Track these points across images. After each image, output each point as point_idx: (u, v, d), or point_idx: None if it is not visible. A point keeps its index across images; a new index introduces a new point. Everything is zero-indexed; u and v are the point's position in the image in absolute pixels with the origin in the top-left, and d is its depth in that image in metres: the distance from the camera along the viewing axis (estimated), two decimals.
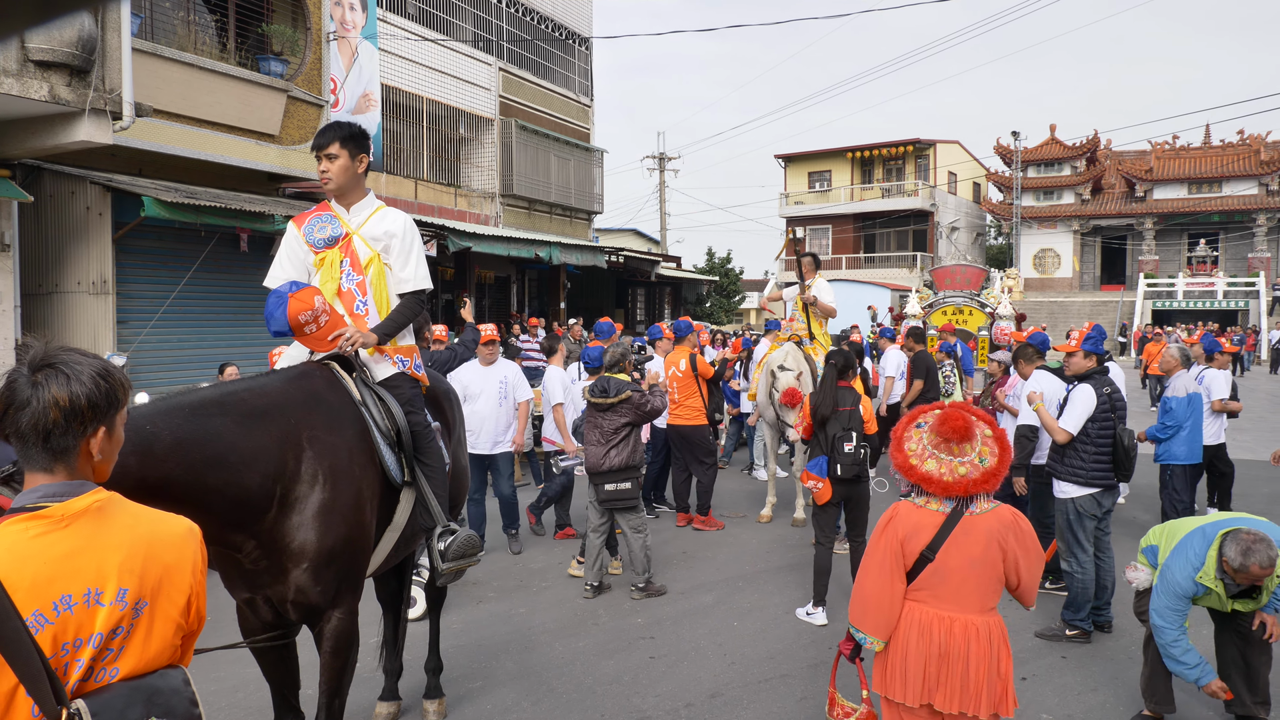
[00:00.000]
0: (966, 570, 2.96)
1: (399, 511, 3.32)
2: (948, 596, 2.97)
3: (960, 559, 2.96)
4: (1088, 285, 43.49)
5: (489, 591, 6.31)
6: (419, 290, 3.53)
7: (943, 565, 2.97)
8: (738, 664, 5.00)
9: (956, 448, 3.01)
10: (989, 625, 2.99)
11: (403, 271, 3.51)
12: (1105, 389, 5.42)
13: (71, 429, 1.61)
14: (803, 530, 8.00)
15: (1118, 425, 5.42)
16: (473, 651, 5.17)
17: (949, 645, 2.94)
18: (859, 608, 3.10)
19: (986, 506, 3.03)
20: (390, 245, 3.50)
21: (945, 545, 2.96)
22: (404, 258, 3.51)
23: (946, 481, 2.98)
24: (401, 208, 14.53)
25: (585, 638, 5.39)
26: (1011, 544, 2.98)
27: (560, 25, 22.77)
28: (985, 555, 2.96)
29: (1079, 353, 5.62)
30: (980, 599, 2.98)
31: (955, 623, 2.96)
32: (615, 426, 6.21)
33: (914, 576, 3.02)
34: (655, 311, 33.28)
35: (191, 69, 11.29)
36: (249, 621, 3.09)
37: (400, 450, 3.27)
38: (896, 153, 42.60)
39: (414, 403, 3.40)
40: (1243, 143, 41.57)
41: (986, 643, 2.95)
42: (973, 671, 2.92)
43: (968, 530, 2.97)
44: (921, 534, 2.99)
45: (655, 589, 6.25)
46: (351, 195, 3.52)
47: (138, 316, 10.20)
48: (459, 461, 4.12)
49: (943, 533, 2.97)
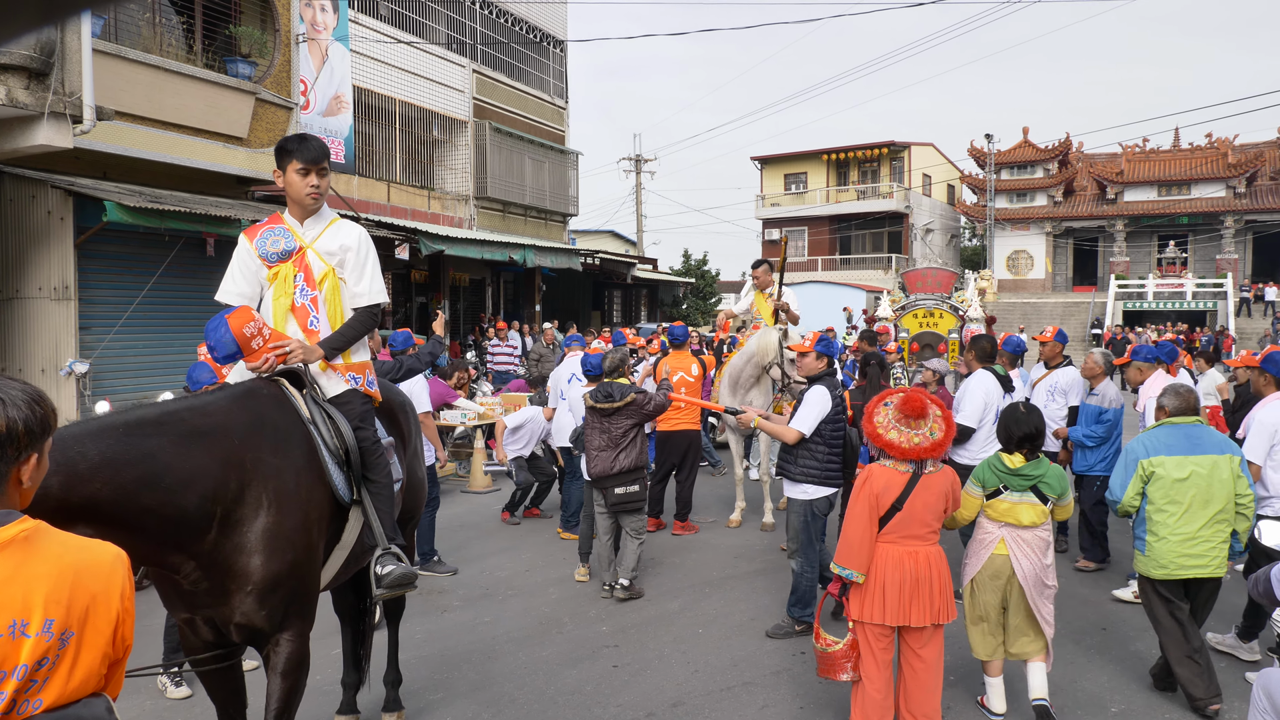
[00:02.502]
0: (924, 514, 3.89)
1: (348, 530, 3.28)
2: (910, 534, 3.88)
3: (921, 506, 3.88)
4: (1060, 286, 43.94)
5: (454, 600, 6.28)
6: (373, 304, 3.50)
7: (909, 512, 3.86)
8: (701, 672, 5.00)
9: (914, 423, 3.88)
10: (939, 553, 3.95)
11: (357, 285, 3.47)
12: (837, 391, 5.52)
13: (5, 455, 1.60)
14: (771, 535, 8.02)
15: (849, 427, 5.57)
16: (435, 662, 5.14)
17: (918, 571, 3.84)
18: (846, 550, 3.92)
19: (937, 468, 3.98)
20: (345, 259, 3.46)
21: (911, 496, 3.86)
22: (359, 271, 3.47)
23: (904, 448, 3.85)
24: (374, 210, 14.46)
25: (549, 646, 5.37)
26: (951, 494, 4.00)
27: (535, 28, 22.72)
28: (937, 503, 3.93)
29: (811, 354, 5.74)
30: (931, 533, 3.95)
31: (919, 554, 3.87)
32: (622, 430, 6.28)
33: (886, 522, 3.88)
34: (632, 314, 33.28)
35: (157, 71, 11.16)
36: (190, 640, 3.04)
37: (349, 469, 3.23)
38: (872, 155, 42.86)
39: (365, 420, 3.36)
40: (1211, 146, 42.15)
41: (941, 566, 3.91)
42: (936, 588, 3.85)
43: (926, 486, 3.89)
44: (892, 489, 3.88)
45: (636, 590, 6.33)
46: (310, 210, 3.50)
47: (101, 323, 10.06)
48: (415, 473, 4.09)
49: (909, 487, 3.87)
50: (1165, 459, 4.51)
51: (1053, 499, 4.34)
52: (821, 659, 4.10)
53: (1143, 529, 4.59)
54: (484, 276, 22.82)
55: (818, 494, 5.44)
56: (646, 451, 6.50)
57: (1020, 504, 4.30)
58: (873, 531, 3.87)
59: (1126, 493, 4.59)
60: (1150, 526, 4.54)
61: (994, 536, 4.35)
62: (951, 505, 4.04)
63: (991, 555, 4.35)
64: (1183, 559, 4.46)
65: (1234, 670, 5.00)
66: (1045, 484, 4.31)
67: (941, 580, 3.89)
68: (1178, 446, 4.53)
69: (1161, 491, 4.50)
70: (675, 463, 8.23)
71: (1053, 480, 4.32)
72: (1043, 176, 43.80)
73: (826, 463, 5.41)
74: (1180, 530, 4.45)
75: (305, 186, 3.41)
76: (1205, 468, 4.47)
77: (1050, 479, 4.32)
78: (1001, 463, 4.37)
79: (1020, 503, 4.30)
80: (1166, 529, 4.48)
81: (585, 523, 6.85)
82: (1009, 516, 4.31)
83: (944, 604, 3.89)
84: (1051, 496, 4.33)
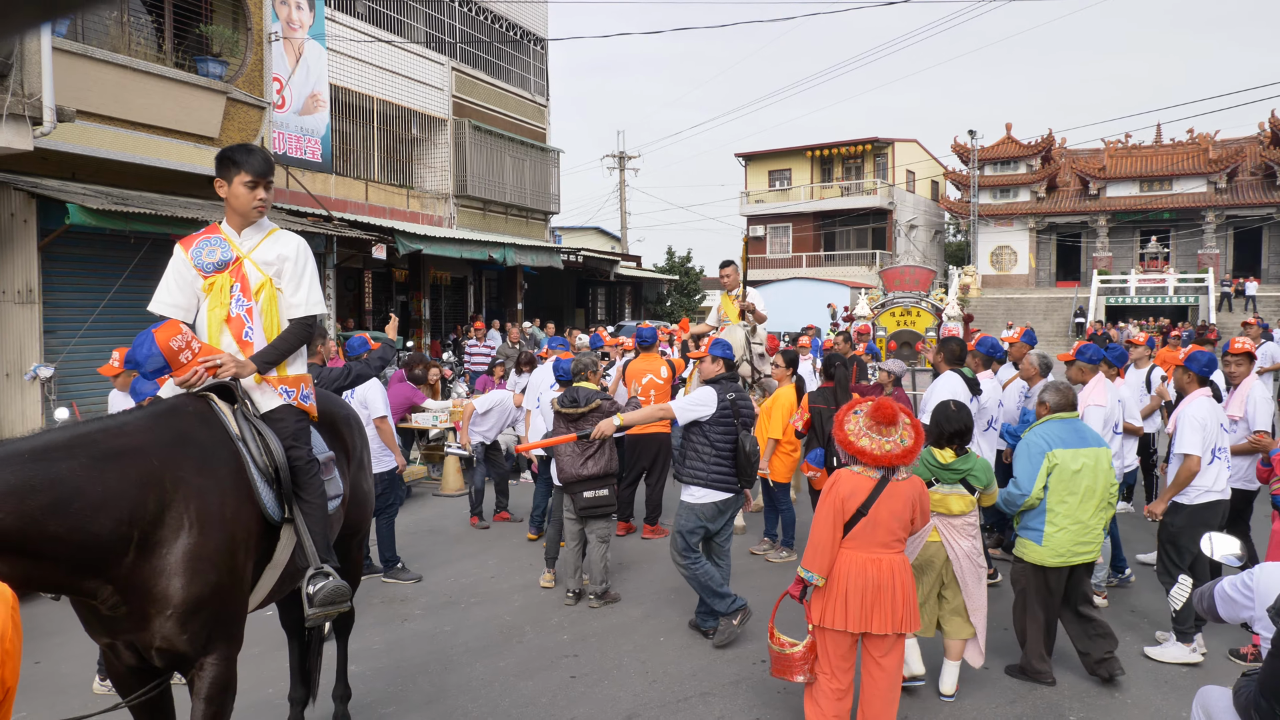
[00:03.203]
0: (889, 522, 3.88)
1: (280, 549, 3.21)
2: (876, 542, 3.87)
3: (886, 514, 3.87)
4: (1044, 282, 44.10)
5: (416, 609, 6.21)
6: (308, 316, 3.43)
7: (874, 518, 3.86)
8: (659, 682, 4.95)
9: (885, 430, 3.92)
10: (904, 562, 3.95)
11: (294, 296, 3.40)
12: (729, 394, 5.48)
13: None
14: (741, 539, 7.98)
15: (740, 431, 5.45)
16: (390, 674, 5.08)
17: (880, 579, 3.84)
18: (811, 552, 3.93)
19: (905, 475, 3.98)
20: (283, 269, 3.39)
21: (876, 503, 3.87)
22: (296, 282, 3.40)
23: (875, 455, 3.88)
24: (352, 209, 14.35)
25: (508, 656, 5.32)
26: (918, 503, 3.98)
27: (515, 25, 22.60)
28: (903, 511, 3.91)
29: (708, 358, 5.82)
30: (897, 541, 3.93)
31: (883, 562, 3.86)
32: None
33: (851, 528, 3.88)
34: (616, 311, 33.22)
35: (124, 71, 11.03)
36: (114, 665, 2.97)
37: (279, 487, 3.16)
38: (855, 151, 42.90)
39: (298, 436, 3.28)
40: (1192, 142, 42.40)
41: (905, 575, 3.91)
42: (899, 597, 3.85)
43: (892, 493, 3.89)
44: (858, 494, 3.89)
45: (611, 596, 6.31)
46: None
47: (66, 326, 9.94)
48: (361, 487, 4.02)
49: (874, 493, 3.88)
50: (1062, 451, 4.78)
51: (979, 489, 4.67)
52: (777, 660, 4.17)
53: (1039, 520, 4.79)
54: (466, 275, 22.72)
55: (703, 498, 5.42)
56: (615, 456, 6.44)
57: (950, 495, 4.62)
58: (837, 536, 3.91)
59: (1035, 485, 4.77)
60: (1050, 517, 4.76)
61: (928, 526, 4.53)
62: (919, 516, 4.03)
63: (925, 543, 4.62)
64: (1077, 546, 4.76)
65: (1193, 678, 4.99)
66: (973, 476, 4.65)
67: (905, 589, 3.91)
68: (1070, 440, 4.82)
69: (1061, 483, 4.74)
70: (645, 466, 8.18)
71: (979, 473, 4.67)
72: (1026, 172, 43.95)
73: (713, 466, 5.38)
74: (1078, 519, 4.74)
75: (252, 200, 3.34)
76: (1092, 460, 4.79)
77: (977, 471, 4.66)
78: (933, 457, 4.64)
79: (950, 494, 4.62)
80: (1067, 519, 4.73)
81: (553, 527, 6.80)
82: (940, 507, 4.59)
83: (906, 613, 3.91)
84: (979, 487, 4.67)
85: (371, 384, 6.50)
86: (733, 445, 5.43)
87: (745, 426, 5.50)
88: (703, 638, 5.58)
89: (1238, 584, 2.97)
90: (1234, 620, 3.04)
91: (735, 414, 5.47)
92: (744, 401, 5.59)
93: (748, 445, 5.38)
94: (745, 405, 5.59)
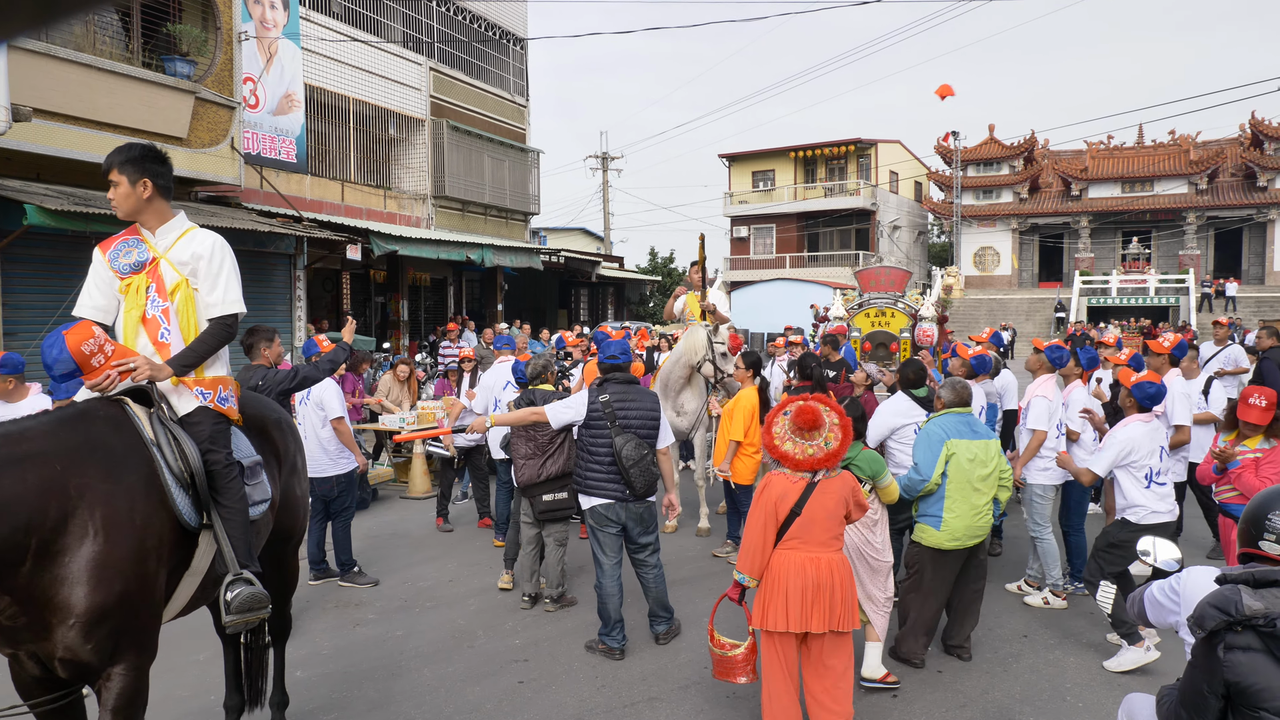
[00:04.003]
0: (825, 520, 3.92)
1: (198, 556, 3.14)
2: (813, 541, 3.90)
3: (820, 511, 3.91)
4: (1026, 283, 44.27)
5: (370, 613, 6.14)
6: (227, 315, 3.36)
7: (808, 517, 3.90)
8: (608, 687, 4.90)
9: (807, 434, 3.97)
10: (843, 560, 3.98)
11: (210, 295, 3.33)
12: (600, 397, 5.33)
13: None
14: (706, 540, 7.94)
15: (615, 436, 5.24)
16: (337, 680, 5.00)
17: (819, 578, 3.85)
18: (744, 555, 3.99)
19: (835, 473, 4.06)
20: (198, 268, 3.32)
21: (809, 502, 3.91)
22: (212, 280, 3.33)
23: (798, 459, 3.95)
24: (328, 210, 14.22)
25: (457, 662, 5.25)
26: (851, 498, 4.03)
27: (494, 25, 22.52)
28: (837, 508, 3.96)
29: (593, 362, 5.84)
30: (834, 539, 3.96)
31: (821, 561, 3.88)
32: (549, 436, 6.09)
33: (786, 529, 3.92)
34: (599, 312, 33.17)
35: (89, 70, 10.90)
36: (19, 676, 2.90)
37: (195, 492, 3.09)
38: (839, 152, 42.95)
39: (215, 440, 3.21)
40: (1174, 143, 42.64)
41: (844, 573, 3.93)
42: (838, 596, 3.86)
43: (824, 491, 3.95)
44: (789, 496, 3.94)
45: (569, 600, 6.27)
46: (152, 219, 3.36)
47: (27, 329, 9.81)
48: (294, 491, 3.95)
49: (805, 494, 3.93)
50: (959, 442, 5.10)
51: (867, 480, 4.74)
52: (719, 662, 4.23)
53: (937, 507, 5.08)
54: (446, 276, 22.61)
55: (585, 503, 5.37)
56: (574, 458, 6.35)
57: None
58: (769, 538, 3.95)
59: (935, 472, 5.04)
60: (948, 504, 5.05)
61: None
62: (855, 509, 4.08)
63: None
64: (971, 530, 5.07)
65: (1145, 683, 4.97)
66: (856, 466, 4.73)
67: (844, 588, 3.92)
68: (965, 432, 5.16)
69: (959, 471, 5.06)
70: None
71: (863, 463, 4.76)
72: (1009, 173, 44.10)
73: (589, 471, 5.31)
74: (974, 505, 5.05)
75: (110, 197, 3.32)
76: (984, 451, 5.14)
77: (860, 461, 4.77)
78: None
79: None
80: (964, 505, 5.04)
81: (513, 529, 6.73)
82: None
83: (845, 611, 3.92)
84: (864, 478, 4.73)
85: (327, 385, 6.42)
86: (609, 449, 5.26)
87: (626, 430, 5.25)
88: (654, 642, 5.52)
89: (1166, 588, 2.93)
90: (1163, 625, 3.00)
91: (610, 417, 5.28)
92: (623, 403, 5.32)
93: (623, 449, 5.16)
94: (624, 407, 5.32)
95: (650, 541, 5.46)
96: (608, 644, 5.31)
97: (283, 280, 14.30)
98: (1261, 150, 39.35)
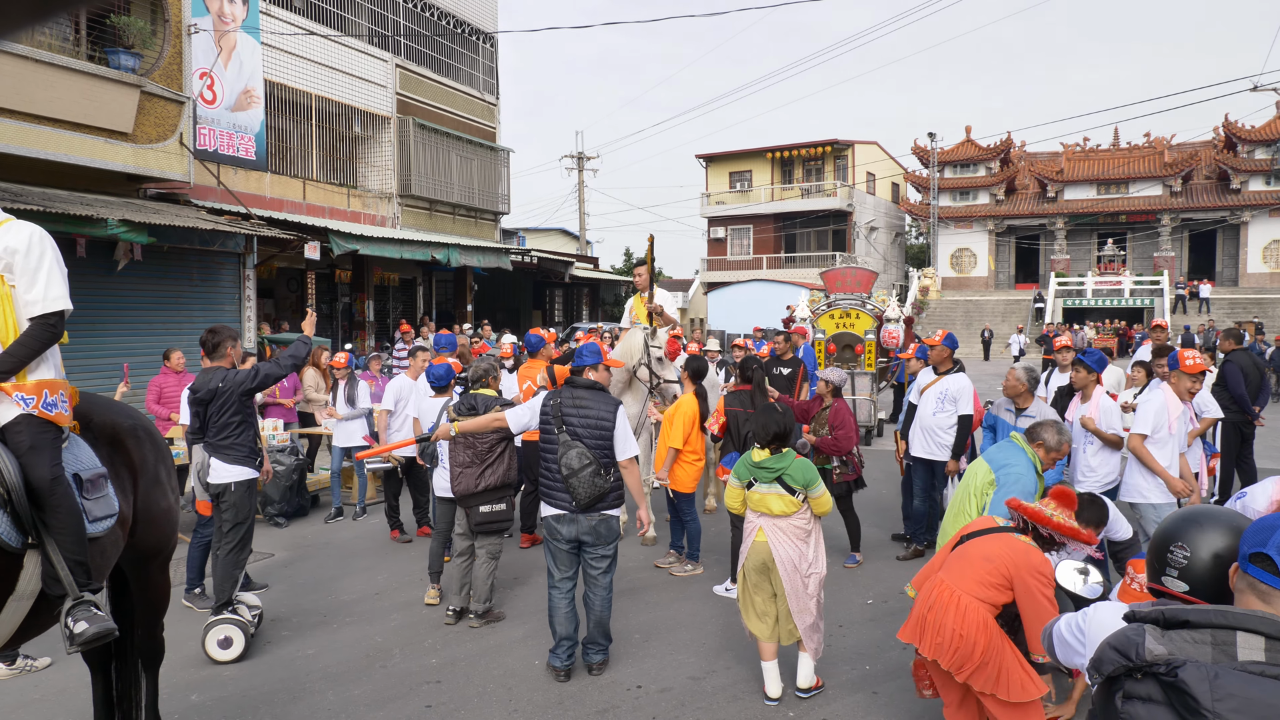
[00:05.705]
0: (980, 561, 3.68)
1: (23, 578, 2.86)
2: (956, 572, 3.73)
3: (977, 552, 3.71)
4: (1003, 284, 44.32)
5: (285, 629, 5.84)
6: (50, 313, 3.07)
7: (964, 551, 3.78)
8: (520, 712, 4.63)
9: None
10: (973, 605, 3.60)
11: (29, 293, 3.03)
12: (551, 401, 5.05)
13: None
14: (650, 550, 7.69)
15: (559, 443, 4.91)
16: (232, 704, 4.71)
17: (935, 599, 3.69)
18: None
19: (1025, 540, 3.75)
20: (13, 263, 3.01)
21: (984, 538, 3.78)
22: (30, 277, 3.03)
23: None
24: (288, 209, 13.83)
25: (365, 683, 4.97)
26: (1025, 568, 3.64)
27: (462, 21, 22.21)
28: (996, 564, 3.65)
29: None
30: (978, 586, 3.64)
31: (943, 586, 3.70)
32: (489, 445, 5.79)
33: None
34: (573, 313, 32.89)
35: (23, 61, 10.55)
36: None
37: (14, 509, 2.81)
38: (816, 153, 42.84)
39: (36, 452, 2.92)
40: (1148, 145, 42.82)
41: (963, 615, 3.59)
42: (948, 631, 3.60)
43: (1006, 543, 3.72)
44: (973, 526, 3.97)
45: (495, 615, 5.99)
46: None
47: None
48: (156, 504, 3.62)
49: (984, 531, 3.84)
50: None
51: (799, 489, 4.59)
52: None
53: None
54: (415, 276, 22.27)
55: (542, 510, 5.09)
56: (515, 467, 6.06)
57: (769, 494, 4.63)
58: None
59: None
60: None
61: (754, 525, 4.70)
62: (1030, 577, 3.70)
63: (754, 543, 4.66)
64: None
65: None
66: (788, 475, 4.60)
67: (956, 630, 3.72)
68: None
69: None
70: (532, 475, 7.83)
71: (795, 472, 4.60)
72: (985, 175, 44.15)
73: (542, 477, 5.05)
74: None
75: None
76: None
77: (793, 471, 4.60)
78: (749, 456, 4.76)
79: (769, 493, 4.63)
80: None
81: (436, 539, 6.43)
82: (761, 506, 4.65)
83: (953, 657, 3.71)
84: (796, 487, 4.59)
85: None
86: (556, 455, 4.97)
87: (572, 435, 4.91)
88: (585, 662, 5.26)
89: (1074, 624, 2.65)
90: (1070, 664, 2.74)
91: (557, 422, 4.97)
92: (573, 408, 4.98)
93: (563, 457, 4.85)
94: (571, 412, 4.97)
95: (602, 557, 5.03)
96: (551, 662, 5.05)
97: (231, 279, 13.94)
98: (1235, 153, 39.56)
